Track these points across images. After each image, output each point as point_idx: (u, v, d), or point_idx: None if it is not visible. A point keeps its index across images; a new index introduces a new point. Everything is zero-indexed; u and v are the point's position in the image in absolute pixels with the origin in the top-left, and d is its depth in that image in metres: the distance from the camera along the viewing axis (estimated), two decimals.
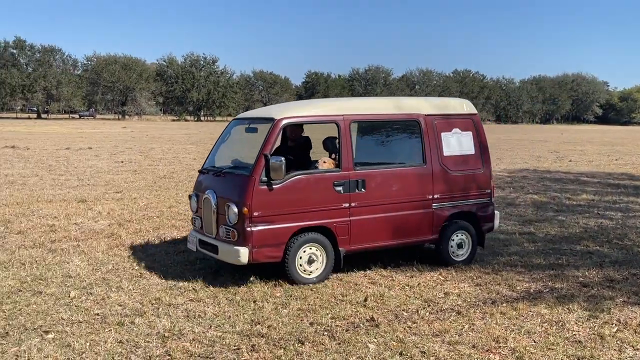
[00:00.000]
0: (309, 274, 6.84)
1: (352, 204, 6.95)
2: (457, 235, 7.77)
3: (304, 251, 6.78)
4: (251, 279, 6.89)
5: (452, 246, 7.75)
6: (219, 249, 6.74)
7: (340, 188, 6.88)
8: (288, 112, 7.01)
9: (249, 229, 6.47)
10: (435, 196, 7.49)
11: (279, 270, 6.86)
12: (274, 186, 6.53)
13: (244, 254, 6.48)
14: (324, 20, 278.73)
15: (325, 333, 5.39)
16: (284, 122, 6.80)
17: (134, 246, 8.57)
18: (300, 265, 6.78)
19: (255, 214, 6.48)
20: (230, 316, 5.78)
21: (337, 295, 6.48)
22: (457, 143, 7.69)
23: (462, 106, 8.00)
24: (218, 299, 6.28)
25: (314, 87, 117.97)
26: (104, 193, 13.63)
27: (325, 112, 7.19)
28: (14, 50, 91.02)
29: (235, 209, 6.52)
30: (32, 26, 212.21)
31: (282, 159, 6.46)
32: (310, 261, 6.83)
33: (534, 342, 5.26)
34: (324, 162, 7.20)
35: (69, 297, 6.26)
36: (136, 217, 10.68)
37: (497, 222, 8.25)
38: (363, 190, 6.99)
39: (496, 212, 8.18)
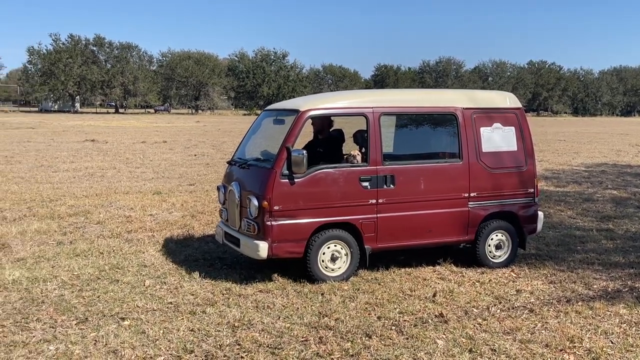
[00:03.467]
0: (332, 272, 6.65)
1: (380, 201, 6.70)
2: (495, 235, 7.36)
3: (328, 248, 6.60)
4: None
5: (489, 245, 7.34)
6: (240, 242, 6.69)
7: (367, 184, 6.65)
8: (314, 103, 6.86)
9: (269, 223, 6.37)
10: (472, 194, 7.12)
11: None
12: (295, 180, 6.38)
13: (263, 249, 6.37)
14: (395, 12, 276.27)
15: (393, 327, 5.36)
16: (309, 113, 6.62)
17: (205, 237, 8.77)
18: (323, 261, 6.60)
19: (276, 207, 6.35)
20: (298, 308, 5.84)
21: (405, 290, 6.42)
22: (497, 139, 7.29)
23: (505, 100, 7.58)
24: (286, 290, 6.35)
25: (383, 80, 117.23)
26: (178, 185, 14.03)
27: (354, 104, 6.94)
28: (94, 48, 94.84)
29: (256, 202, 6.41)
30: (111, 24, 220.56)
31: (304, 152, 6.32)
32: (333, 259, 6.64)
33: (612, 343, 5.06)
34: (357, 154, 6.85)
35: (144, 285, 6.48)
36: (208, 209, 10.93)
37: (541, 225, 7.73)
38: (392, 186, 6.74)
39: (540, 213, 7.68)
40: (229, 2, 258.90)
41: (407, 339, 5.11)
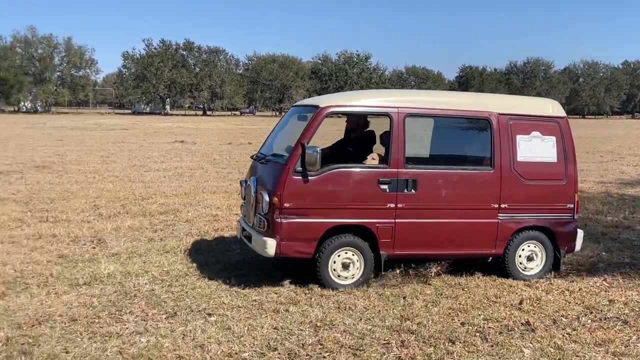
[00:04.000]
0: (344, 280, 6.45)
1: (399, 205, 6.43)
2: (527, 246, 6.95)
3: (338, 256, 6.41)
4: (397, 271, 6.90)
5: (519, 256, 6.95)
6: (252, 238, 6.62)
7: (385, 186, 6.39)
8: (336, 100, 6.79)
9: (278, 220, 6.23)
10: (502, 206, 6.71)
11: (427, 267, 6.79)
12: (309, 177, 6.21)
13: (271, 246, 6.25)
14: (481, 11, 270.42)
15: (477, 334, 5.25)
16: (328, 110, 6.44)
17: None
18: (334, 270, 6.43)
19: (286, 205, 6.20)
20: (380, 310, 5.82)
21: (490, 297, 6.28)
22: (535, 148, 6.86)
23: (548, 107, 7.13)
24: (368, 292, 6.35)
25: (467, 82, 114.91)
26: None
27: (378, 102, 6.73)
28: (183, 52, 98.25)
29: (267, 198, 6.32)
30: (200, 29, 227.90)
31: (318, 149, 6.13)
32: (345, 266, 6.44)
33: None
34: (372, 159, 6.75)
35: (230, 282, 6.65)
36: None
37: (580, 243, 7.22)
38: (413, 191, 6.46)
39: (579, 231, 7.21)
40: (313, 7, 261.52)
41: (492, 346, 4.99)
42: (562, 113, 7.16)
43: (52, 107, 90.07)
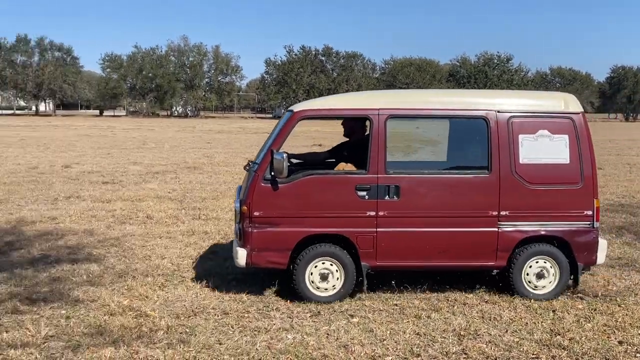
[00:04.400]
0: (324, 292, 6.13)
1: (380, 213, 6.02)
2: (536, 262, 6.25)
3: (316, 266, 6.10)
4: None
5: (527, 274, 6.26)
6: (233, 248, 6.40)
7: (364, 193, 6.01)
8: (311, 104, 6.47)
9: (248, 229, 6.01)
10: (502, 213, 6.10)
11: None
12: (279, 185, 5.95)
13: (241, 256, 6.04)
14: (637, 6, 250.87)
15: (638, 355, 4.87)
16: (301, 115, 6.19)
17: None
18: (312, 281, 6.12)
19: (256, 213, 5.97)
20: (527, 323, 5.59)
21: None
22: (542, 148, 6.15)
23: (560, 103, 6.33)
24: (514, 304, 6.12)
25: (619, 83, 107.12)
26: None
27: (356, 105, 6.43)
28: (322, 58, 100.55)
29: (237, 207, 6.18)
30: (338, 36, 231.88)
31: (285, 154, 5.82)
32: (323, 277, 6.12)
33: None
34: (343, 167, 6.41)
35: (365, 285, 6.69)
36: None
37: (603, 255, 6.35)
38: (396, 198, 6.03)
39: (601, 241, 6.31)
40: (449, 7, 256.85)
41: None
42: (578, 108, 6.32)
43: (201, 111, 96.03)
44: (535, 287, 6.28)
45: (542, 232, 6.19)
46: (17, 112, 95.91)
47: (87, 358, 4.71)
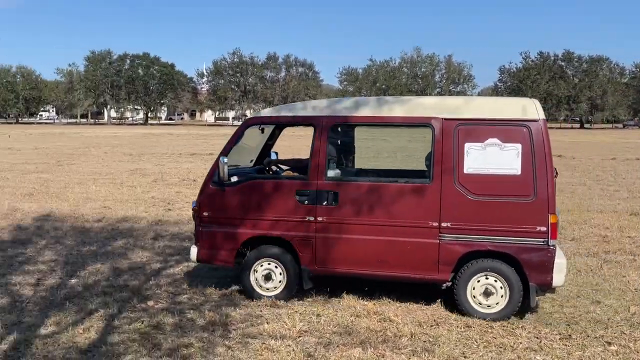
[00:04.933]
0: (266, 291, 6.35)
1: (319, 219, 6.08)
2: (484, 278, 5.84)
3: (261, 265, 6.35)
4: None
5: (474, 290, 5.86)
6: None
7: (303, 198, 6.15)
8: (263, 112, 6.91)
9: (199, 228, 6.54)
10: (444, 224, 5.83)
11: None
12: (225, 188, 6.38)
13: (193, 253, 6.57)
14: None
15: None
16: (250, 122, 6.68)
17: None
18: (257, 280, 6.37)
19: (205, 214, 6.46)
20: None
21: None
22: (491, 158, 5.76)
23: (517, 109, 5.86)
24: None
25: None
26: None
27: (302, 112, 6.57)
28: (562, 63, 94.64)
29: (193, 207, 6.69)
30: (581, 39, 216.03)
31: (225, 159, 6.22)
32: (267, 277, 6.35)
33: None
34: (289, 173, 6.80)
35: (629, 312, 6.10)
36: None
37: (560, 277, 5.71)
38: (334, 204, 6.04)
39: (558, 261, 5.68)
40: None
41: None
42: (537, 115, 5.79)
43: None
44: (481, 304, 5.91)
45: (489, 247, 5.82)
46: None
47: (338, 356, 4.98)
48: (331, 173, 6.32)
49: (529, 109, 5.88)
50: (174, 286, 6.89)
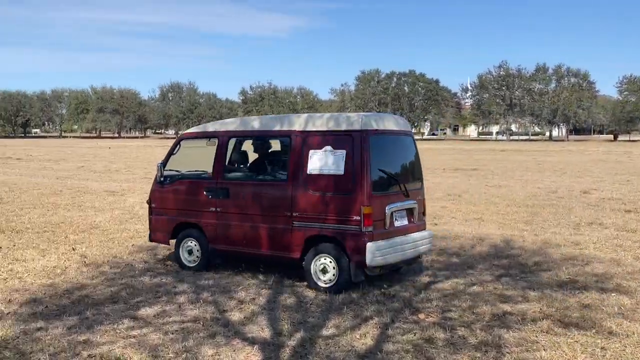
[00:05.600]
0: (189, 262, 8.39)
1: (218, 209, 8.04)
2: (320, 259, 7.30)
3: (186, 244, 8.39)
4: None
5: (315, 268, 7.33)
6: None
7: (209, 194, 8.10)
8: (191, 129, 8.92)
9: (150, 216, 8.83)
10: (295, 214, 7.39)
11: None
12: (164, 186, 8.59)
13: (148, 235, 9.01)
14: None
15: None
16: (182, 137, 8.85)
17: None
18: (182, 252, 8.44)
19: (153, 205, 8.75)
20: None
21: None
22: (326, 161, 7.23)
23: (349, 122, 7.31)
24: None
25: None
26: None
27: (210, 128, 8.57)
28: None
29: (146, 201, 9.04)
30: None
31: (159, 163, 8.55)
32: (189, 252, 8.39)
33: None
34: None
35: None
36: None
37: (370, 257, 6.92)
38: (227, 198, 7.94)
39: (369, 244, 6.91)
40: None
41: None
42: (360, 127, 7.14)
43: None
44: (320, 280, 7.29)
45: (324, 233, 7.23)
46: (532, 137, 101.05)
47: None
48: (228, 174, 8.20)
49: (355, 122, 7.24)
50: (444, 301, 6.89)
